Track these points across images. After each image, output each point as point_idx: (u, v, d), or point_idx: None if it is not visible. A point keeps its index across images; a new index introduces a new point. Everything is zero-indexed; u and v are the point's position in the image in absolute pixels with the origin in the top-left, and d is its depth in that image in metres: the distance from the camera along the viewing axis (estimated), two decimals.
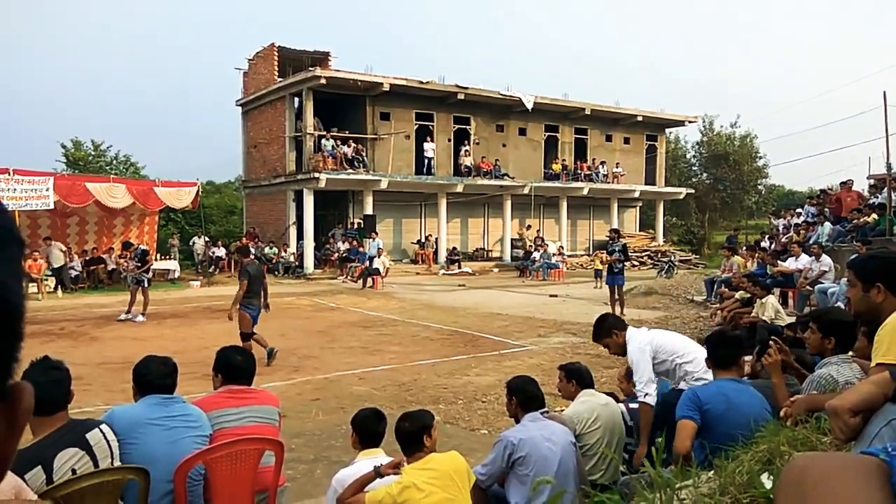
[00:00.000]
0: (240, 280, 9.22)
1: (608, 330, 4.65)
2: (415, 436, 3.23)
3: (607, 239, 14.84)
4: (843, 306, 10.20)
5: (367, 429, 3.45)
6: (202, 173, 27.76)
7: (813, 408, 2.77)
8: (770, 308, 8.99)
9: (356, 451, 3.48)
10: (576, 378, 4.47)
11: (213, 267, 23.05)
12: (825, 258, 11.83)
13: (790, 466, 1.03)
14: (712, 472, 2.63)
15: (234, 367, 3.71)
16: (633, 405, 4.53)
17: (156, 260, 21.84)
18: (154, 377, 3.35)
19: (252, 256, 10.31)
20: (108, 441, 2.94)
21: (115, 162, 35.00)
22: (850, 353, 3.60)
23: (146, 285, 13.82)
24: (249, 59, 28.26)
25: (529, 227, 27.99)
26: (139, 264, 13.93)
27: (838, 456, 1.41)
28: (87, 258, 20.27)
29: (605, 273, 14.94)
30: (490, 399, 7.34)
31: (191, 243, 25.15)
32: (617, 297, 13.47)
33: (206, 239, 24.76)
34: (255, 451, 3.40)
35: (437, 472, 3.09)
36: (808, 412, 2.76)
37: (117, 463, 2.95)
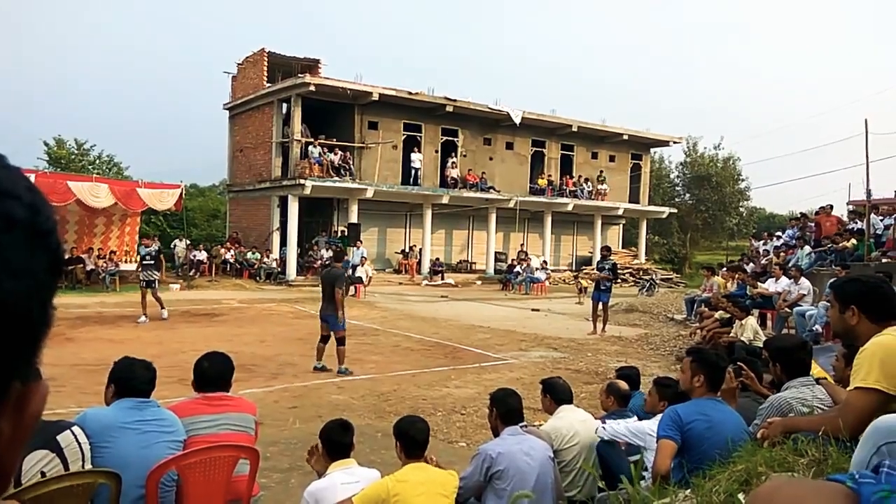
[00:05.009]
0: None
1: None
2: (423, 441, 3.35)
3: (588, 255, 14.82)
4: (820, 329, 10.34)
5: (332, 440, 3.44)
6: (186, 176, 27.66)
7: (790, 430, 2.79)
8: (749, 329, 9.07)
9: (328, 462, 3.45)
10: (550, 392, 4.47)
11: (193, 270, 22.82)
12: (804, 281, 11.97)
13: (758, 492, 1.03)
14: (689, 490, 2.64)
15: (200, 374, 3.67)
16: (610, 421, 4.53)
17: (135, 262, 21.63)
18: (138, 381, 3.31)
19: (339, 262, 10.44)
20: (79, 443, 2.89)
21: (98, 161, 34.69)
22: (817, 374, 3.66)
23: (154, 286, 13.64)
24: (239, 64, 28.15)
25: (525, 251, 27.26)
26: (152, 263, 13.69)
27: (807, 483, 1.42)
28: (66, 258, 19.99)
29: (590, 289, 14.99)
30: (469, 412, 7.31)
31: (172, 246, 24.91)
32: (601, 313, 13.53)
33: (188, 242, 24.54)
34: (230, 459, 3.35)
35: (430, 479, 3.19)
36: (785, 434, 2.78)
37: (88, 466, 2.89)
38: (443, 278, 25.12)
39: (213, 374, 3.65)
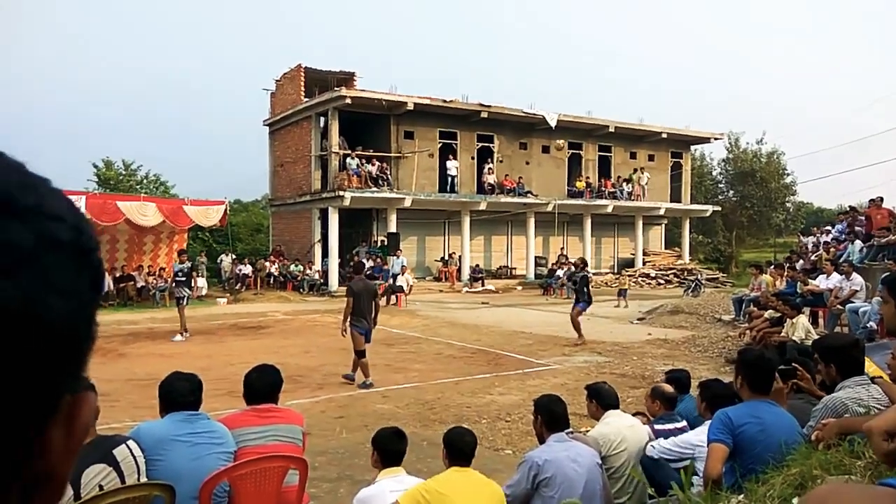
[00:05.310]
0: (346, 298, 9.16)
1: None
2: (470, 454, 3.33)
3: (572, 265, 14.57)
4: (875, 326, 9.99)
5: (388, 448, 3.45)
6: (230, 192, 28.27)
7: (845, 431, 2.71)
8: (801, 328, 8.83)
9: (377, 470, 3.47)
10: (596, 398, 4.42)
11: (239, 284, 23.28)
12: (856, 277, 11.58)
13: (809, 497, 1.00)
14: (742, 495, 2.58)
15: (249, 386, 3.72)
16: (658, 426, 4.46)
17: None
18: (178, 395, 3.38)
19: (362, 274, 9.96)
20: (134, 457, 2.97)
21: (145, 181, 35.65)
22: (873, 374, 3.54)
23: (183, 303, 13.76)
24: (277, 80, 28.72)
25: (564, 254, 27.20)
26: (184, 279, 13.85)
27: (860, 488, 1.37)
28: (117, 275, 20.62)
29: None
30: (514, 418, 7.27)
31: (218, 261, 25.48)
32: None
33: (234, 256, 25.06)
34: (280, 469, 3.40)
35: (473, 483, 3.18)
36: (841, 435, 2.70)
37: (144, 479, 2.98)
38: (483, 285, 25.07)
39: (262, 386, 3.71)
